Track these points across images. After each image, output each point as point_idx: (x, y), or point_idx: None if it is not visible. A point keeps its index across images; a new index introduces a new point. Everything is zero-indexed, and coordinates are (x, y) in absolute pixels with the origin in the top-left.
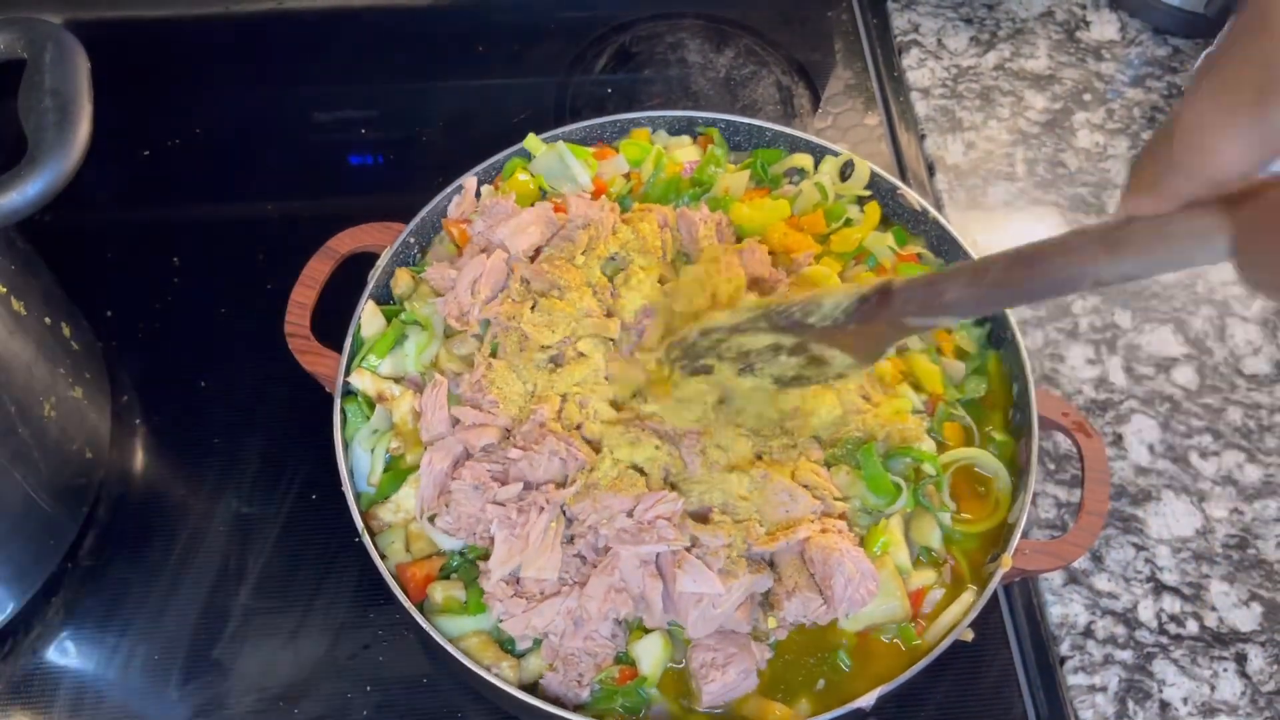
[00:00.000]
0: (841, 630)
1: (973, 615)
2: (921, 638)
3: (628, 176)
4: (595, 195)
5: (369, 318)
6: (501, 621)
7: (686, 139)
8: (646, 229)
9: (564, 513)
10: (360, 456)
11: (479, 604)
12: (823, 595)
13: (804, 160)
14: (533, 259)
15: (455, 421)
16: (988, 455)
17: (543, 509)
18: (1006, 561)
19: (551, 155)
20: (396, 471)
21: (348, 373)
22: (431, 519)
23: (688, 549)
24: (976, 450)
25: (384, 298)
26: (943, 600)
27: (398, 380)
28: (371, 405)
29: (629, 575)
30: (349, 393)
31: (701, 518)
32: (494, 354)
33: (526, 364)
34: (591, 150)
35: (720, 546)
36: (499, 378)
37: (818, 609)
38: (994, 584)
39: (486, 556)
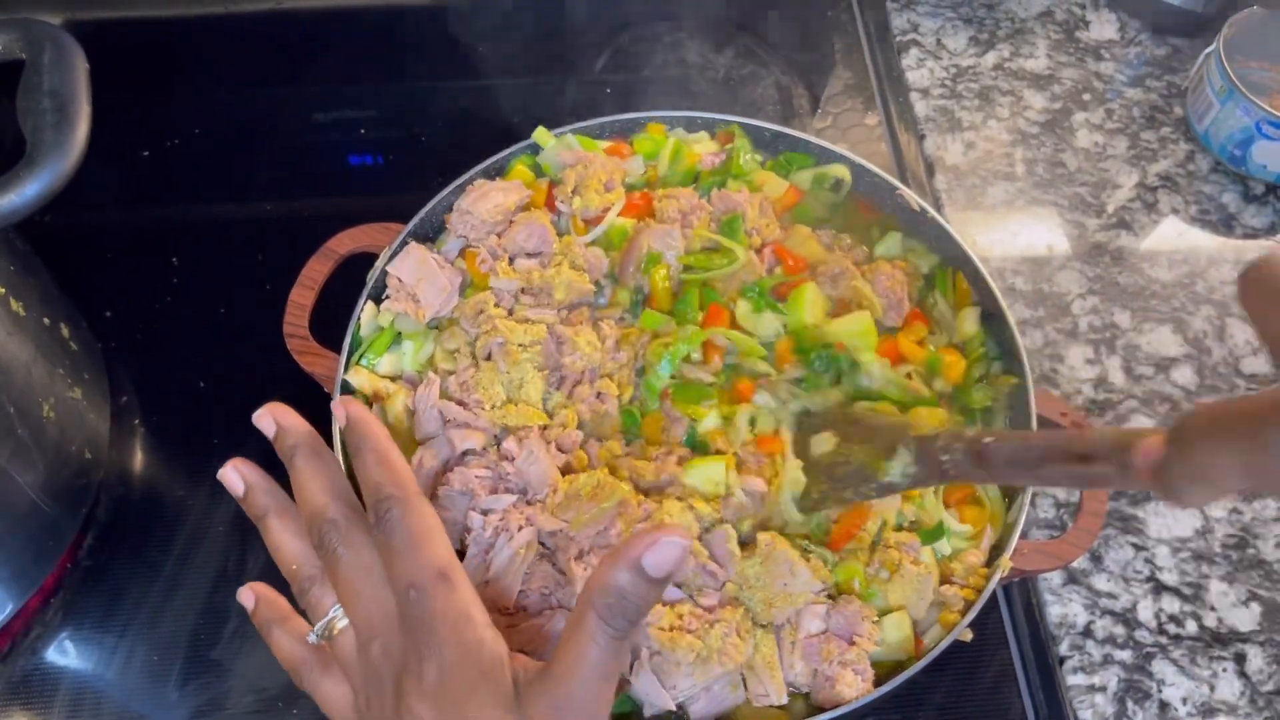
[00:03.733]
0: None
1: (971, 615)
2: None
3: (644, 172)
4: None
5: (368, 318)
6: None
7: (704, 134)
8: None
9: (541, 542)
10: None
11: None
12: (814, 674)
13: (843, 171)
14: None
15: (445, 420)
16: None
17: (512, 534)
18: (1005, 564)
19: (560, 146)
20: None
21: (346, 370)
22: None
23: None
24: None
25: (383, 298)
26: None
27: (394, 379)
28: (369, 404)
29: None
30: (348, 392)
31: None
32: (488, 356)
33: (512, 365)
34: (604, 145)
35: (681, 661)
36: (484, 379)
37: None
38: (991, 585)
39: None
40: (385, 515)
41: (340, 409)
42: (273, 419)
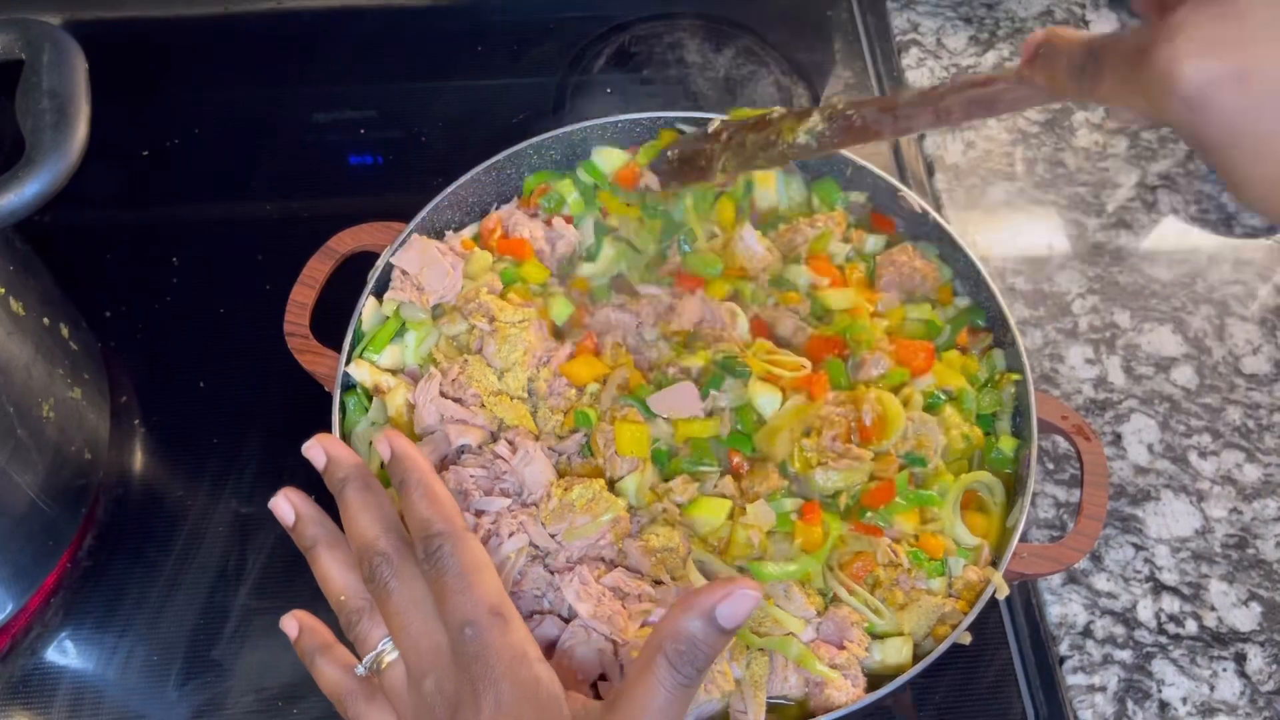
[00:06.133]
0: None
1: (969, 620)
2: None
3: None
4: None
5: (369, 312)
6: None
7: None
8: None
9: (533, 545)
10: (360, 450)
11: None
12: (805, 682)
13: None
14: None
15: (443, 416)
16: (985, 475)
17: (502, 540)
18: (1001, 584)
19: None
20: None
21: (348, 363)
22: None
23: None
24: (976, 473)
25: (385, 292)
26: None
27: (395, 372)
28: (370, 398)
29: (587, 664)
30: (349, 386)
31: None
32: (479, 349)
33: (501, 342)
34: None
35: None
36: (476, 372)
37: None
38: (984, 599)
39: None
40: (436, 551)
41: (385, 444)
42: (323, 450)
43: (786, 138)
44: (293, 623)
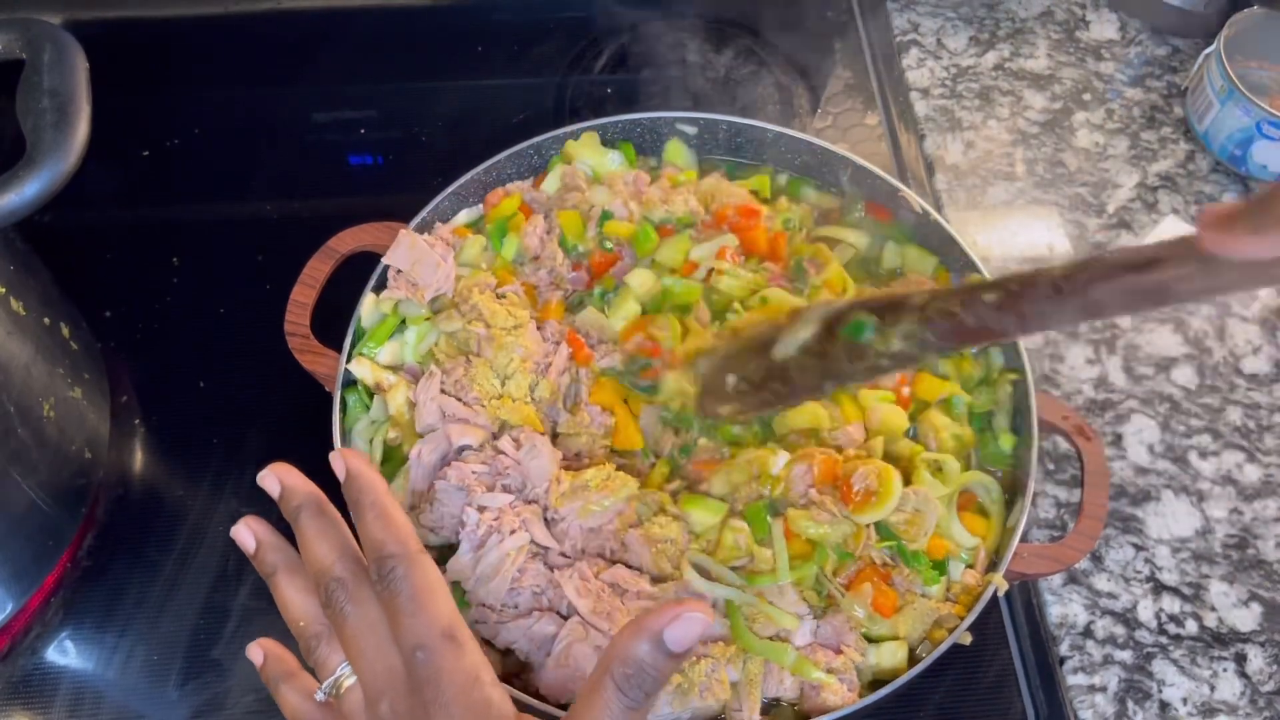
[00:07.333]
0: None
1: (969, 620)
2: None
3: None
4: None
5: (369, 309)
6: (475, 624)
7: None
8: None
9: (533, 542)
10: (359, 448)
11: (462, 600)
12: (800, 685)
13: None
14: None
15: (445, 415)
16: (981, 476)
17: (503, 537)
18: (1000, 583)
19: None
20: (394, 462)
21: (348, 361)
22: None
23: None
24: (972, 474)
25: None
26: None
27: (395, 369)
28: (371, 395)
29: (584, 661)
30: (350, 383)
31: None
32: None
33: (498, 350)
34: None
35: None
36: (479, 375)
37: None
38: (984, 600)
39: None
40: (389, 574)
41: (340, 462)
42: (277, 479)
43: (879, 345)
44: (258, 650)
